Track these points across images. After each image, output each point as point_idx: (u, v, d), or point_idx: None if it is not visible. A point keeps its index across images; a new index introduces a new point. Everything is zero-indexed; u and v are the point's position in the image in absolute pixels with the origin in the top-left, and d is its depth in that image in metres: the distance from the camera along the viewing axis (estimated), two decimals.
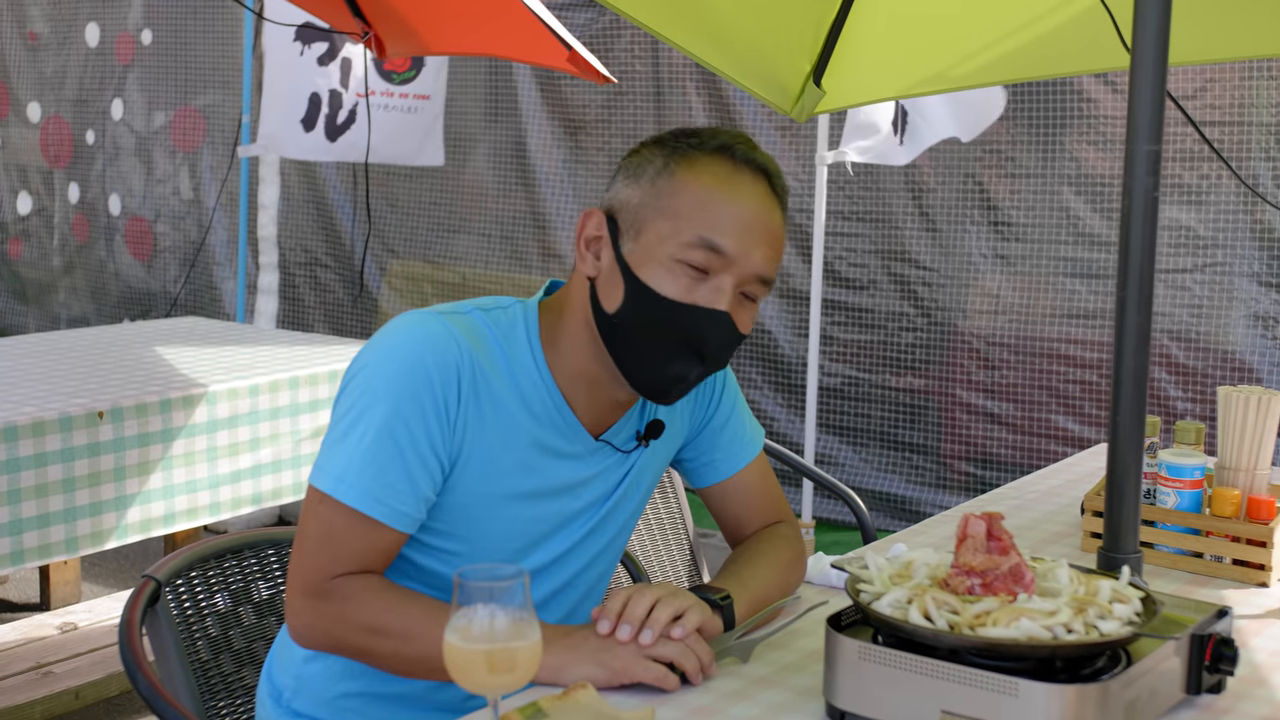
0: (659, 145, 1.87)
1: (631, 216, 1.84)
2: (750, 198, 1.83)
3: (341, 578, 1.81)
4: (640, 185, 1.85)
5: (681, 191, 1.82)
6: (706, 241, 1.79)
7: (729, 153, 1.84)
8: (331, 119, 5.88)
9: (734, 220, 1.80)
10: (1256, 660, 1.93)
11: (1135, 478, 2.05)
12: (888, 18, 3.02)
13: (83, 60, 7.90)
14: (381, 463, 1.79)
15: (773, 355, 5.75)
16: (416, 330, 1.83)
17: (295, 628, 1.84)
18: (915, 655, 1.62)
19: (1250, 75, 4.64)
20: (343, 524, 1.80)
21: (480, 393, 1.83)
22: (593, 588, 2.05)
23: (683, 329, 1.81)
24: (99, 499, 3.43)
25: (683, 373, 1.85)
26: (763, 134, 5.71)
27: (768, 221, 1.84)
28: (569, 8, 5.99)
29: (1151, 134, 1.97)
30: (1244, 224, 4.71)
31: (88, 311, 8.05)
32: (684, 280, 1.80)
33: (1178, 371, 4.83)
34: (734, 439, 2.13)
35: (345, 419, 1.83)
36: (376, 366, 1.82)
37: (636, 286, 1.82)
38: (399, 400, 1.79)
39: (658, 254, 1.81)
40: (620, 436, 1.98)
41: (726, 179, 1.82)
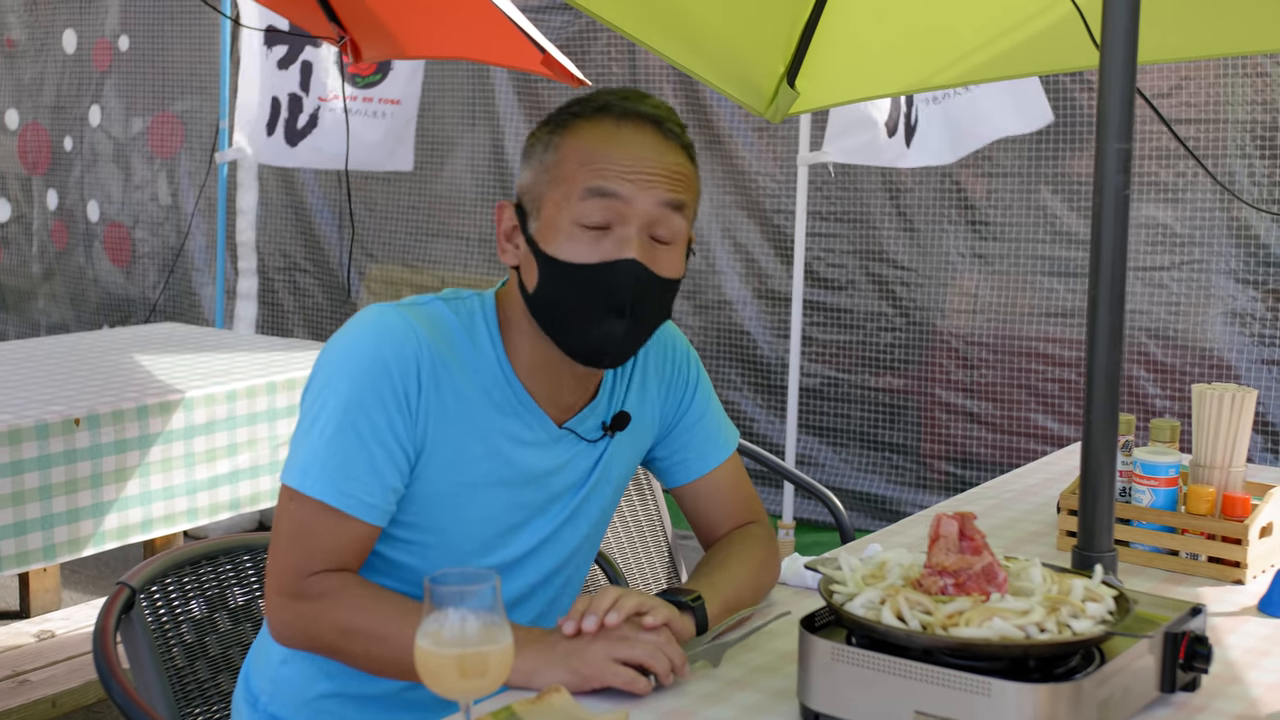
0: (546, 124, 1.89)
1: (531, 198, 1.87)
2: (635, 143, 1.83)
3: (317, 576, 1.81)
4: (532, 165, 1.87)
5: (567, 157, 1.83)
6: (595, 190, 1.80)
7: (608, 110, 1.85)
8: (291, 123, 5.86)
9: (620, 164, 1.81)
10: (1231, 657, 1.93)
11: (1109, 476, 2.05)
12: (861, 19, 3.02)
13: (60, 67, 7.87)
14: (345, 455, 1.80)
15: (751, 356, 5.75)
16: (375, 323, 1.85)
17: (274, 625, 1.85)
18: (888, 656, 1.62)
19: (1226, 73, 4.65)
20: (312, 519, 1.81)
21: (441, 382, 1.85)
22: (567, 585, 2.05)
23: (594, 289, 1.82)
24: (76, 506, 3.41)
25: (609, 332, 1.84)
26: (740, 135, 5.71)
27: (659, 160, 1.83)
28: (545, 10, 5.99)
29: (1121, 132, 1.98)
30: (1221, 222, 4.72)
31: (67, 318, 8.03)
32: (585, 241, 1.81)
33: (1156, 369, 4.85)
34: (707, 438, 2.13)
35: (309, 414, 1.84)
36: (337, 361, 1.84)
37: (545, 261, 1.83)
38: (359, 392, 1.80)
39: (557, 222, 1.83)
40: (585, 425, 1.98)
41: (608, 134, 1.83)
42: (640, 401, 2.06)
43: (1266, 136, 4.60)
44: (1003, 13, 2.96)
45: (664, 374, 2.09)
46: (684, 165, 1.87)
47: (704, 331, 5.86)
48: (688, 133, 1.93)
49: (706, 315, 5.85)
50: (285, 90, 5.85)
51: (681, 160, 1.86)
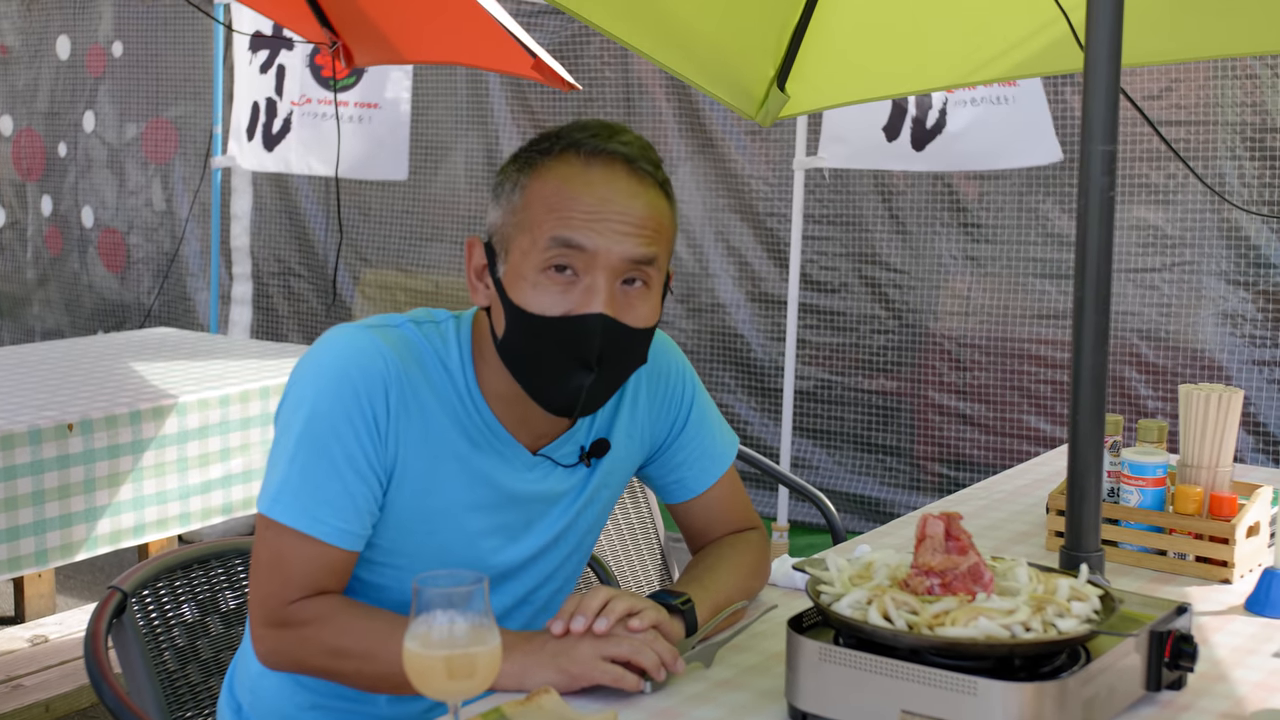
0: (514, 161, 1.82)
1: (500, 241, 1.81)
2: (601, 185, 1.75)
3: (299, 603, 1.80)
4: (500, 206, 1.81)
5: (533, 202, 1.77)
6: (560, 239, 1.74)
7: (576, 149, 1.77)
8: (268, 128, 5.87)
9: (585, 212, 1.74)
10: (1217, 656, 1.94)
11: (1096, 476, 2.06)
12: (851, 22, 3.03)
13: (54, 73, 7.88)
14: (316, 480, 1.78)
15: (745, 359, 5.75)
16: (343, 346, 1.81)
17: (260, 654, 1.84)
18: (875, 656, 1.63)
19: (1216, 75, 4.66)
20: (288, 548, 1.79)
21: (409, 406, 1.82)
22: (549, 602, 2.04)
23: (560, 342, 1.76)
24: (69, 511, 3.42)
25: (578, 384, 1.79)
26: (733, 139, 5.72)
27: (627, 204, 1.75)
28: (537, 14, 5.99)
29: (1106, 134, 1.99)
30: (1211, 223, 4.74)
31: (62, 324, 8.02)
32: (552, 292, 1.76)
33: (1147, 370, 4.86)
34: (703, 454, 2.10)
35: (280, 439, 1.83)
36: (305, 384, 1.82)
37: (511, 309, 1.78)
38: (328, 416, 1.78)
39: (523, 270, 1.77)
40: (561, 451, 1.95)
41: (573, 176, 1.76)
42: (630, 421, 2.02)
43: (1256, 138, 4.61)
44: (989, 16, 2.98)
45: (656, 393, 2.05)
46: (656, 207, 1.79)
47: (697, 335, 5.87)
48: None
49: (700, 318, 5.86)
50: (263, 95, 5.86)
51: (654, 200, 1.79)
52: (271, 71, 5.83)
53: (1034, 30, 2.87)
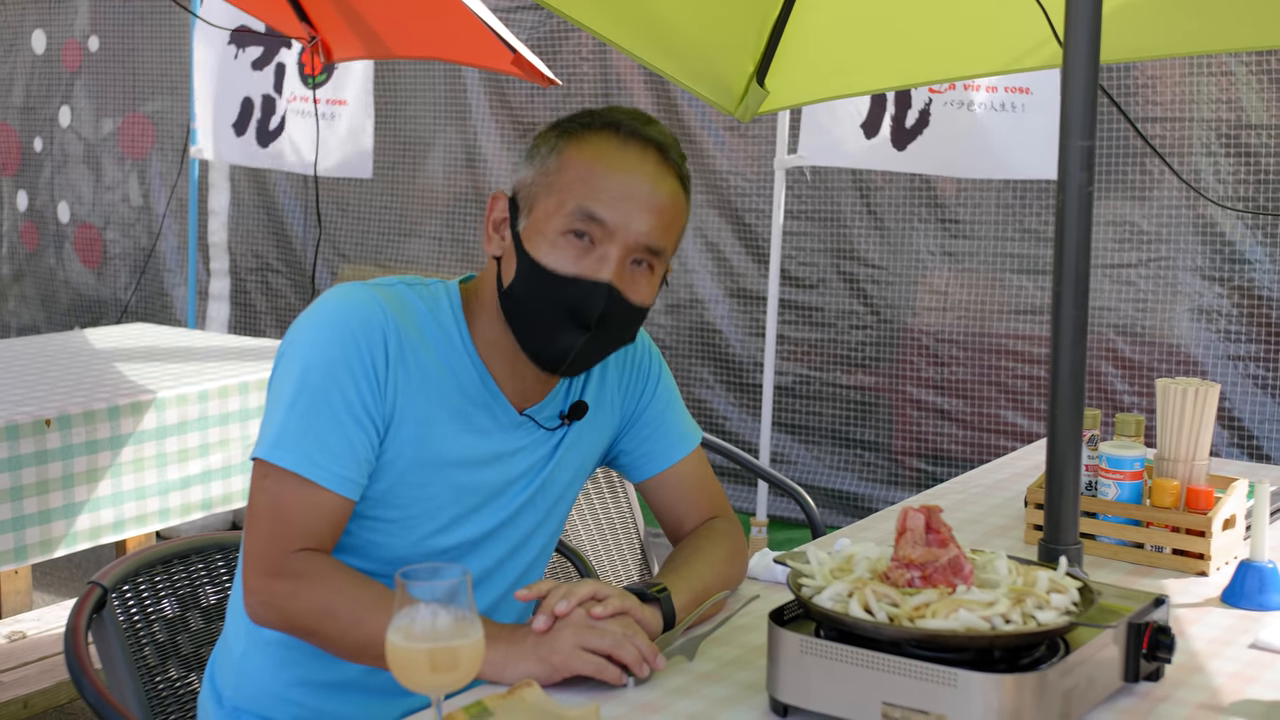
0: (555, 127, 1.93)
1: (525, 196, 1.91)
2: (634, 169, 1.87)
3: (296, 555, 1.82)
4: (534, 165, 1.91)
5: (567, 167, 1.87)
6: (585, 211, 1.85)
7: (616, 128, 1.89)
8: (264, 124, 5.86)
9: (614, 190, 1.86)
10: (1194, 648, 1.96)
11: (1074, 470, 2.08)
12: (830, 18, 3.04)
13: (29, 67, 7.84)
14: (317, 428, 1.82)
15: (724, 355, 5.76)
16: (342, 299, 1.88)
17: (250, 605, 1.85)
18: (856, 648, 1.64)
19: (1192, 72, 4.69)
20: (287, 494, 1.82)
21: (407, 359, 1.88)
22: (529, 570, 2.08)
23: (564, 299, 1.86)
24: (47, 507, 3.41)
25: (569, 343, 1.89)
26: (713, 135, 5.73)
27: (653, 191, 1.88)
28: (516, 10, 5.99)
29: (1084, 129, 2.00)
30: (1187, 219, 4.76)
31: (38, 320, 7.99)
32: (569, 252, 1.86)
33: (1123, 365, 4.88)
34: (670, 431, 2.16)
35: (278, 389, 1.87)
36: (305, 335, 1.87)
37: (525, 260, 1.88)
38: (329, 365, 1.83)
39: (544, 228, 1.87)
40: (544, 414, 2.02)
41: (610, 153, 1.88)
42: (599, 392, 2.09)
43: (1231, 135, 4.64)
44: (968, 12, 2.99)
45: (624, 367, 2.13)
46: (677, 198, 1.91)
47: (676, 331, 5.87)
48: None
49: (679, 314, 5.87)
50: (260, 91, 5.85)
51: (675, 190, 1.91)
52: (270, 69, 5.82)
53: (1013, 26, 2.88)
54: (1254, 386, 4.66)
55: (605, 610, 1.79)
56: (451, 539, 1.96)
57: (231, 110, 5.91)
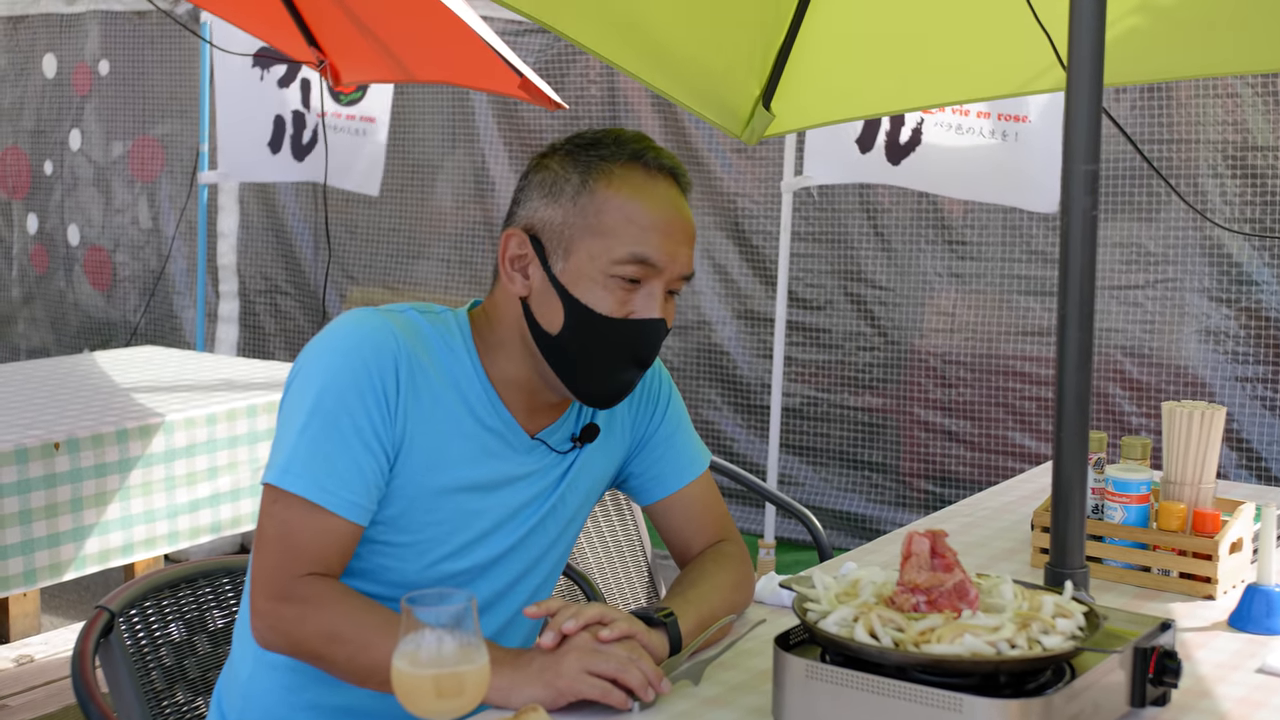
0: (571, 161, 1.91)
1: (557, 236, 1.89)
2: (667, 203, 1.90)
3: (304, 579, 1.82)
4: (561, 205, 1.89)
5: (605, 209, 1.87)
6: (639, 256, 1.86)
7: (640, 160, 1.90)
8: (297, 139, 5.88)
9: (659, 231, 1.87)
10: (1201, 672, 1.95)
11: (1080, 493, 2.07)
12: (836, 41, 3.05)
13: (40, 91, 7.87)
14: (327, 452, 1.82)
15: (732, 376, 5.77)
16: (355, 325, 1.88)
17: (257, 629, 1.86)
18: (861, 673, 1.64)
19: (1199, 94, 4.69)
20: (295, 519, 1.82)
21: (418, 385, 1.88)
22: (533, 596, 2.08)
23: (626, 343, 1.89)
24: (56, 530, 3.41)
25: (628, 380, 1.94)
26: (719, 157, 5.74)
27: (684, 222, 1.91)
28: (523, 33, 6.01)
29: (1089, 154, 2.00)
30: (1194, 240, 4.76)
31: (48, 342, 8.01)
32: (618, 294, 1.88)
33: (1131, 387, 4.88)
34: (679, 454, 2.16)
35: (289, 413, 1.87)
36: (317, 360, 1.87)
37: (575, 306, 1.88)
38: (340, 390, 1.83)
39: (591, 272, 1.87)
40: (556, 437, 2.03)
41: (643, 189, 1.89)
42: (610, 415, 2.10)
43: (1238, 157, 4.64)
44: (973, 36, 2.99)
45: (637, 389, 2.13)
46: (692, 222, 1.94)
47: (684, 352, 5.88)
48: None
49: (686, 336, 5.87)
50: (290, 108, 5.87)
51: (690, 215, 1.94)
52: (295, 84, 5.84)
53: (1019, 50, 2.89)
54: (1261, 408, 4.65)
55: (612, 634, 1.79)
56: (462, 563, 1.97)
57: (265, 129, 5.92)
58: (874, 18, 3.05)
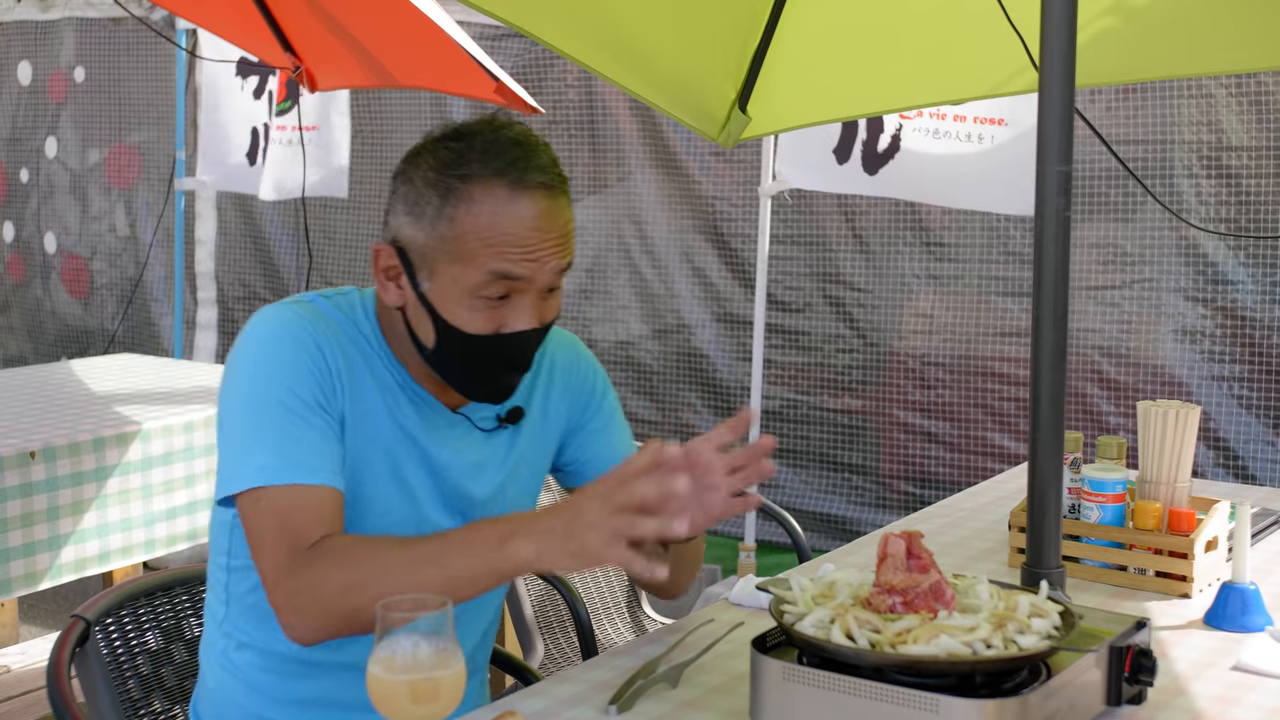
0: (433, 179, 1.84)
1: (421, 257, 1.85)
2: (531, 219, 1.82)
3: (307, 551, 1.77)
4: (422, 226, 1.84)
5: (465, 235, 1.81)
6: (499, 274, 1.81)
7: (505, 177, 1.81)
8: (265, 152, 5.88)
9: (521, 245, 1.81)
10: (1177, 670, 1.96)
11: (1056, 493, 2.08)
12: (811, 44, 3.05)
13: (15, 99, 7.85)
14: (287, 433, 1.81)
15: (711, 379, 5.77)
16: (270, 320, 1.89)
17: (289, 626, 1.79)
18: (838, 675, 1.64)
19: (1173, 94, 4.71)
20: (286, 506, 1.79)
21: (340, 364, 1.88)
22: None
23: (496, 355, 1.87)
24: (32, 540, 3.40)
25: (508, 383, 1.92)
26: (698, 161, 5.75)
27: (553, 225, 1.84)
28: (500, 38, 6.01)
29: (1061, 155, 2.01)
30: (1170, 240, 4.78)
31: (25, 350, 7.98)
32: (485, 314, 1.84)
33: (1108, 386, 4.90)
34: (617, 439, 2.16)
35: (233, 421, 1.85)
36: (244, 362, 1.87)
37: (444, 326, 1.86)
38: (277, 377, 1.83)
39: (455, 294, 1.83)
40: (479, 415, 2.01)
41: (505, 210, 1.81)
42: (544, 402, 2.09)
43: (1213, 157, 4.66)
44: (947, 38, 3.00)
45: (570, 377, 2.13)
46: (569, 215, 1.88)
47: (664, 356, 5.88)
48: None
49: (666, 339, 5.87)
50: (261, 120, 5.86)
51: (567, 210, 1.87)
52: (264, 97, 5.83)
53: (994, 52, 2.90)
54: (1238, 407, 4.67)
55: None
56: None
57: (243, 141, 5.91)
58: (848, 21, 3.06)
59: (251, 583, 1.92)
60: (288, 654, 1.93)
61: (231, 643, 1.99)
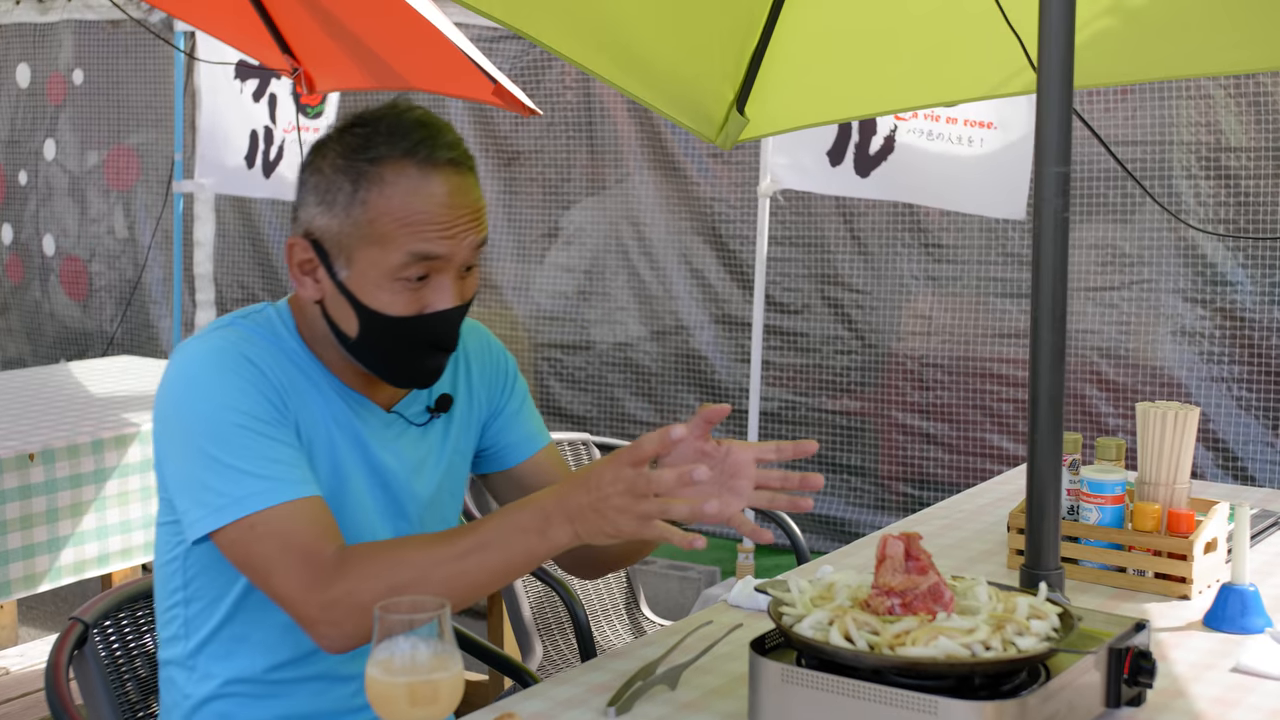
0: (343, 166, 1.84)
1: (336, 246, 1.85)
2: (444, 196, 1.83)
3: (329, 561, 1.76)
4: (336, 214, 1.84)
5: (379, 218, 1.81)
6: (417, 255, 1.82)
7: (413, 157, 1.82)
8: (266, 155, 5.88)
9: (436, 225, 1.82)
10: (1176, 672, 1.96)
11: (1055, 495, 2.08)
12: (809, 46, 3.05)
13: (14, 101, 7.85)
14: (265, 454, 1.79)
15: (710, 381, 5.77)
16: (199, 349, 1.85)
17: (326, 638, 1.77)
18: (837, 676, 1.64)
19: (1171, 95, 4.72)
20: (287, 524, 1.77)
21: (280, 377, 1.86)
22: None
23: (421, 336, 1.87)
24: (31, 542, 3.40)
25: (435, 365, 1.91)
26: (696, 162, 5.75)
27: (465, 200, 1.85)
28: (498, 39, 6.01)
29: (1059, 156, 2.01)
30: (1169, 241, 4.78)
31: (24, 352, 7.98)
32: (407, 295, 1.84)
33: (1106, 387, 4.90)
34: (530, 422, 2.17)
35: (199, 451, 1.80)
36: (188, 394, 1.82)
37: (366, 312, 1.85)
38: (230, 400, 1.80)
39: (375, 278, 1.83)
40: (412, 410, 2.01)
41: (418, 189, 1.82)
42: (468, 385, 2.09)
43: (1211, 158, 4.66)
44: (945, 39, 3.00)
45: (484, 362, 2.13)
46: (479, 191, 1.88)
47: (662, 357, 5.88)
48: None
49: (664, 341, 5.87)
50: (262, 123, 5.86)
51: (477, 186, 1.88)
52: (265, 100, 5.83)
53: (992, 53, 2.90)
54: (1237, 408, 4.67)
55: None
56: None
57: (242, 144, 5.92)
58: (847, 22, 3.06)
59: (219, 617, 1.92)
60: (257, 676, 1.93)
61: (195, 675, 1.96)
